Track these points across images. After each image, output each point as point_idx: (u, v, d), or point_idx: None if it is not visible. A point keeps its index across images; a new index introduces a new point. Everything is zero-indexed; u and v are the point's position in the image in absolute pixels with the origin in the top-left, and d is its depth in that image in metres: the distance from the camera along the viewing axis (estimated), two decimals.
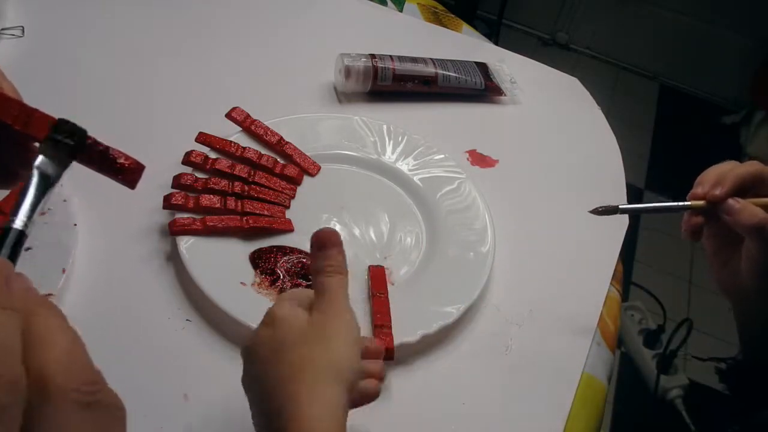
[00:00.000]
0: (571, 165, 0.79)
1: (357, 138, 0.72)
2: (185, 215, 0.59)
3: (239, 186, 0.63)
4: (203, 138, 0.65)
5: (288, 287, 0.57)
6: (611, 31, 2.58)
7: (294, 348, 0.40)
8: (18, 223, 0.33)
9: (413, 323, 0.55)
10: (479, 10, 2.40)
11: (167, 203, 0.59)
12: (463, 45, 0.95)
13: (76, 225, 0.57)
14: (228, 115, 0.68)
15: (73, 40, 0.79)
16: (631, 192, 0.79)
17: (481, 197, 0.67)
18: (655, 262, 1.86)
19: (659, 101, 2.54)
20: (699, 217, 0.56)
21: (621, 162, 0.81)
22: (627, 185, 0.79)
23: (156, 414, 0.49)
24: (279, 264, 0.59)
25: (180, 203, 0.59)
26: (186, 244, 0.57)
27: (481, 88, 0.84)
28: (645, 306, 1.69)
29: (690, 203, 0.56)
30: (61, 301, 0.52)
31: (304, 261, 0.59)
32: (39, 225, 0.55)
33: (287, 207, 0.64)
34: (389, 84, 0.80)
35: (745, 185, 0.54)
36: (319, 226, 0.64)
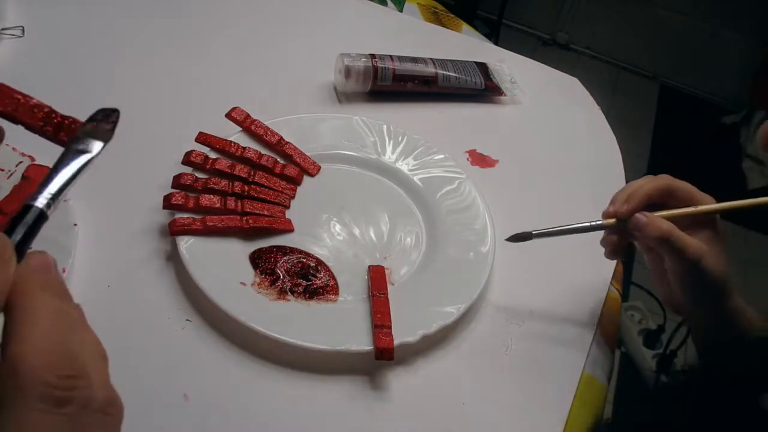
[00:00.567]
0: (571, 165, 0.79)
1: (357, 138, 0.72)
2: (185, 215, 0.59)
3: (239, 186, 0.63)
4: (203, 138, 0.65)
5: (288, 287, 0.57)
6: (611, 31, 2.59)
7: None
8: (41, 201, 0.31)
9: (413, 323, 0.55)
10: (479, 10, 2.41)
11: (167, 203, 0.59)
12: (463, 45, 0.95)
13: (76, 225, 0.57)
14: (228, 115, 0.68)
15: (73, 40, 0.79)
16: None
17: (481, 197, 0.67)
18: None
19: (659, 101, 2.55)
20: (614, 236, 0.56)
21: (621, 162, 0.81)
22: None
23: (156, 414, 0.49)
24: (279, 264, 0.59)
25: (180, 203, 0.59)
26: (186, 244, 0.57)
27: (481, 88, 0.84)
28: (645, 306, 1.69)
29: (601, 222, 0.55)
30: None
31: (304, 261, 0.59)
32: None
33: (287, 207, 0.64)
34: (389, 84, 0.80)
35: (654, 200, 0.54)
36: (320, 225, 0.65)
